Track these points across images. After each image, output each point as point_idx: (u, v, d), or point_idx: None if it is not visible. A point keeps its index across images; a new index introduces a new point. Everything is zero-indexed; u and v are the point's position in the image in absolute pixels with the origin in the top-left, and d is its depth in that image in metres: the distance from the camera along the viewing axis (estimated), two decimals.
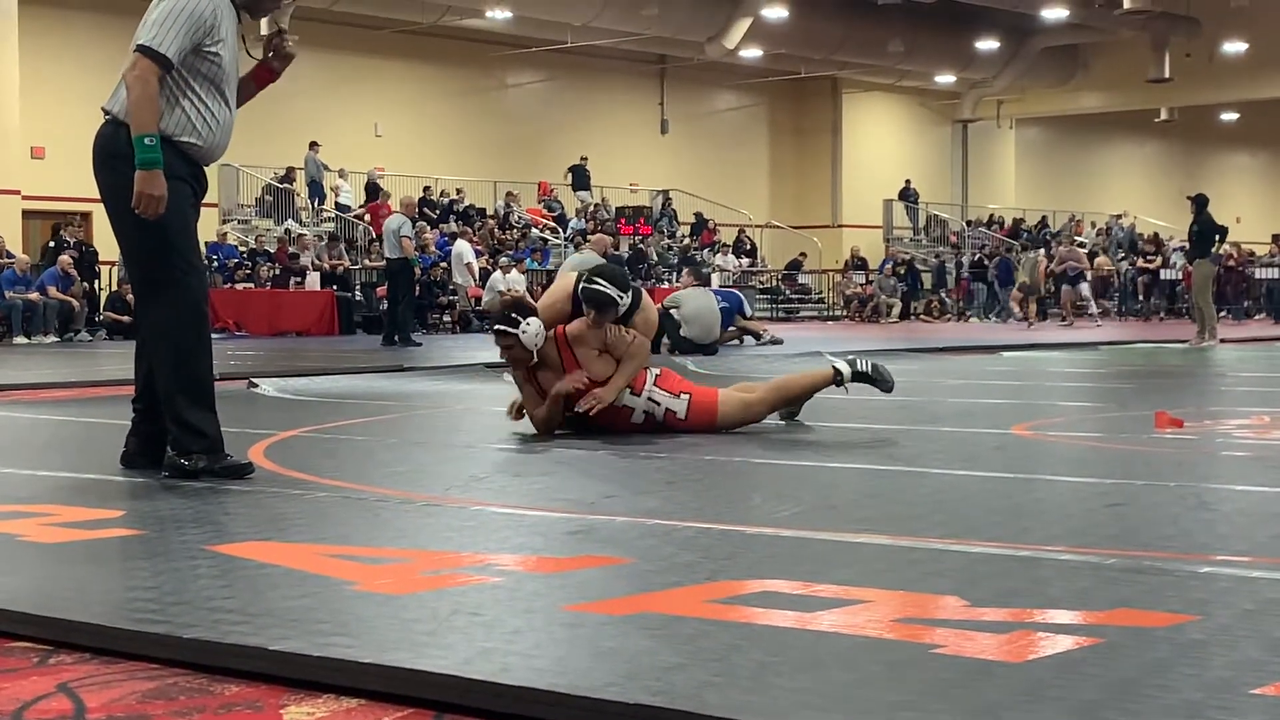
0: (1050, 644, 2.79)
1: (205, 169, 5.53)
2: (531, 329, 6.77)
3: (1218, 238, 19.47)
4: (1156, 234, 36.69)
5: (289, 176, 29.23)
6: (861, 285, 34.29)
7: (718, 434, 6.92)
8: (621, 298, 6.96)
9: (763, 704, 2.39)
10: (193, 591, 3.34)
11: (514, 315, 6.82)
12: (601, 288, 6.90)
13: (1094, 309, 28.56)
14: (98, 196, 5.38)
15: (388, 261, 19.44)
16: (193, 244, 5.43)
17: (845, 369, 7.13)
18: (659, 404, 6.98)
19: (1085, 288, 28.59)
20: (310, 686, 2.69)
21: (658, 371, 7.16)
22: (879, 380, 7.17)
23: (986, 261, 34.54)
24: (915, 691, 2.46)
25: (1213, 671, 2.57)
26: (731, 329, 18.00)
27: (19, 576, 3.62)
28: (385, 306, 21.56)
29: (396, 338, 18.67)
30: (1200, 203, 19.40)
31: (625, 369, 6.91)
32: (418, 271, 20.87)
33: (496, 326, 6.89)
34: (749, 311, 19.35)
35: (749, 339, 18.51)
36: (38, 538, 4.14)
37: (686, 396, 7.02)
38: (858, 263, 35.56)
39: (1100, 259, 31.61)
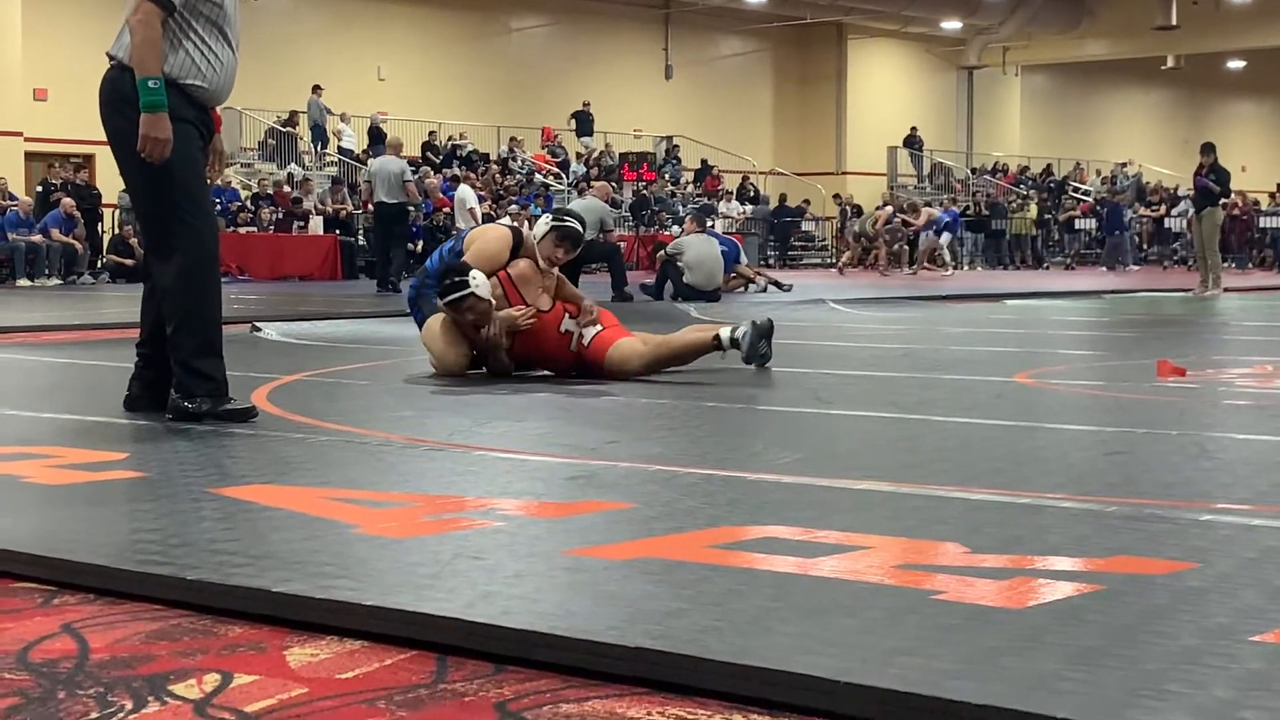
0: (1050, 590, 2.80)
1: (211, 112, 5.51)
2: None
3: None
4: (1162, 184, 36.50)
5: (292, 120, 29.13)
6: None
7: (703, 384, 6.93)
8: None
9: (763, 649, 2.40)
10: (196, 534, 3.35)
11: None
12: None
13: (948, 257, 29.36)
14: (101, 139, 5.38)
15: (381, 205, 18.51)
16: (202, 186, 5.40)
17: (725, 335, 7.13)
18: (581, 326, 7.10)
19: (945, 238, 29.44)
20: (313, 628, 2.70)
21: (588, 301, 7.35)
22: (753, 352, 7.14)
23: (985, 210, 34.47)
24: (915, 637, 2.47)
25: (1212, 619, 2.58)
26: (733, 276, 17.96)
27: (23, 518, 3.64)
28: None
29: (390, 283, 18.04)
30: (1213, 151, 19.20)
31: (557, 286, 7.21)
32: (418, 217, 20.46)
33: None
34: (745, 260, 19.29)
35: (754, 286, 18.50)
36: (42, 479, 4.16)
37: (598, 329, 7.11)
38: (854, 210, 35.44)
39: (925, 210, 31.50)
